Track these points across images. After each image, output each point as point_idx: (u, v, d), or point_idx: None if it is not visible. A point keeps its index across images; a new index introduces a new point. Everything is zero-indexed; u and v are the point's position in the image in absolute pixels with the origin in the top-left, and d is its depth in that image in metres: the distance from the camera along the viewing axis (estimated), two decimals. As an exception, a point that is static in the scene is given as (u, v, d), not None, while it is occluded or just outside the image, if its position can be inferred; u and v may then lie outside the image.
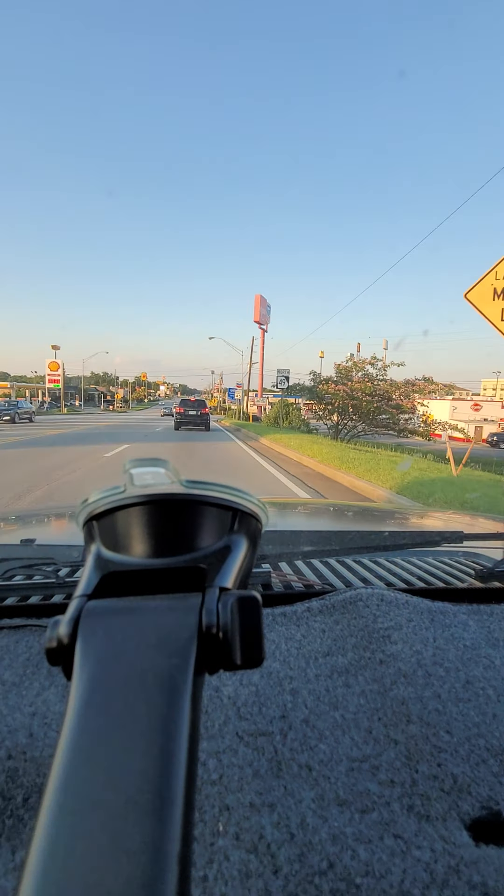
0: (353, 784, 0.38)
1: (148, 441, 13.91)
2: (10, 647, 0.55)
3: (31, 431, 17.03)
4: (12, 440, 13.00)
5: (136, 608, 0.25)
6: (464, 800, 0.38)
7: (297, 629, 0.58)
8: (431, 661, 0.53)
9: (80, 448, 10.99)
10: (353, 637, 0.57)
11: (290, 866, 0.32)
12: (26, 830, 0.34)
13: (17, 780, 0.38)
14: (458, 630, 0.59)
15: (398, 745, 0.42)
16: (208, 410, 20.63)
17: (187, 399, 21.78)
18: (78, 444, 12.16)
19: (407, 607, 0.62)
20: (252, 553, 0.30)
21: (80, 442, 12.66)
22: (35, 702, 0.46)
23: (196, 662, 0.22)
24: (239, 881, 0.31)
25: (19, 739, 0.42)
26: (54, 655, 0.24)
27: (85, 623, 0.24)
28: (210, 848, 0.33)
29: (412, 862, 0.32)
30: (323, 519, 1.54)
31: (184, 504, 0.28)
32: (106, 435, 15.69)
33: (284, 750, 0.41)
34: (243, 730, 0.43)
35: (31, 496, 5.41)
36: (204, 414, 20.19)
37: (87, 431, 17.45)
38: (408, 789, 0.38)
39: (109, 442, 12.62)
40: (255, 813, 0.36)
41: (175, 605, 0.24)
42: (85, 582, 0.26)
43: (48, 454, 9.72)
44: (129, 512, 0.28)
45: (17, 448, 10.94)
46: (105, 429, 19.57)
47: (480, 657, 0.54)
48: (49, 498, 5.36)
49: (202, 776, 0.38)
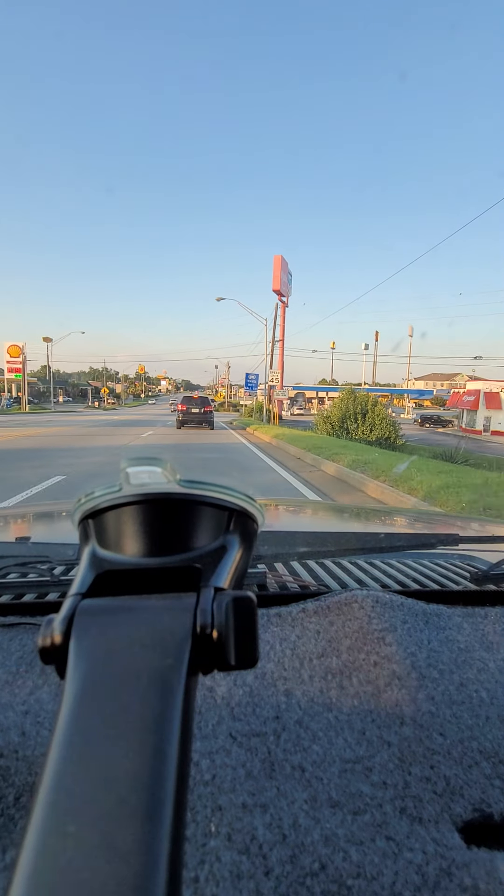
0: (346, 785, 0.38)
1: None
2: (3, 644, 0.55)
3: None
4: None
5: (130, 607, 0.24)
6: (456, 802, 0.38)
7: (291, 630, 0.58)
8: (425, 663, 0.53)
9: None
10: (347, 639, 0.57)
11: (282, 867, 0.32)
12: (17, 830, 0.34)
13: (9, 779, 0.38)
14: (453, 632, 0.59)
15: (391, 747, 0.42)
16: (212, 408, 19.57)
17: (189, 396, 20.54)
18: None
19: (402, 609, 0.62)
20: (247, 553, 0.30)
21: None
22: (28, 700, 0.46)
23: (190, 662, 0.22)
24: (230, 882, 0.31)
25: (11, 738, 0.41)
26: (47, 654, 0.24)
27: (79, 622, 0.24)
28: (202, 849, 0.33)
29: (404, 864, 0.32)
30: (319, 520, 1.54)
31: (179, 503, 0.28)
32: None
33: (278, 751, 0.41)
34: (237, 730, 0.43)
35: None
36: (207, 412, 19.17)
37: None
38: (400, 791, 0.38)
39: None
40: (247, 814, 0.36)
41: (170, 604, 0.24)
42: (79, 580, 0.26)
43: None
44: (124, 511, 0.27)
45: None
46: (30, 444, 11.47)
47: (474, 660, 0.55)
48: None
49: (195, 776, 0.38)
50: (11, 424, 19.53)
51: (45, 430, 16.11)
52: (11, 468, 7.67)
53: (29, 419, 24.57)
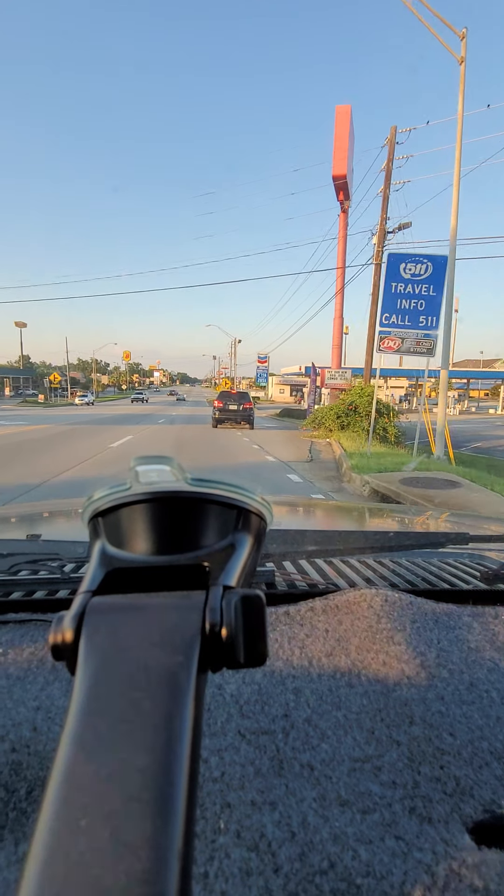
0: (355, 784, 0.38)
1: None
2: (15, 641, 0.56)
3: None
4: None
5: (140, 605, 0.25)
6: (466, 802, 0.37)
7: (300, 628, 0.58)
8: (435, 662, 0.53)
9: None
10: (356, 637, 0.56)
11: (291, 865, 0.32)
12: (29, 823, 0.35)
13: (21, 774, 0.38)
14: (463, 632, 0.59)
15: (401, 747, 0.42)
16: (252, 405, 17.11)
17: (227, 392, 18.02)
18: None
19: (411, 608, 0.62)
20: (256, 552, 0.30)
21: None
22: (39, 696, 0.47)
23: (199, 660, 0.22)
24: (240, 879, 0.31)
25: (23, 733, 0.42)
26: (58, 651, 0.24)
27: (89, 619, 0.24)
28: (211, 845, 0.33)
29: (413, 864, 0.32)
30: (328, 518, 1.54)
31: (189, 502, 0.28)
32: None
33: (286, 749, 0.41)
34: (245, 728, 0.43)
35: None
36: (247, 409, 16.81)
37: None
38: (410, 791, 0.38)
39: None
40: (256, 811, 0.36)
41: (179, 602, 0.24)
42: (90, 578, 0.26)
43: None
44: (134, 509, 0.28)
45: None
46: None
47: (485, 660, 0.54)
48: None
49: (204, 773, 0.39)
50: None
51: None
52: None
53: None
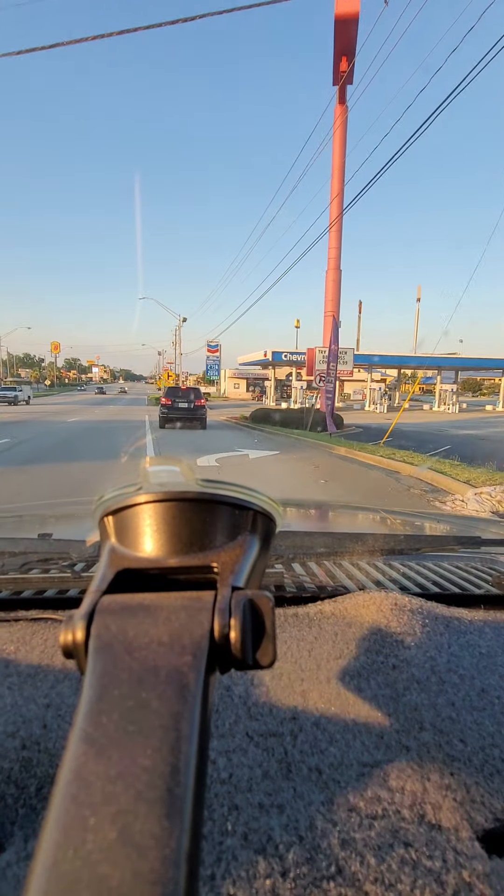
0: (364, 789, 0.38)
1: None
2: (26, 638, 0.56)
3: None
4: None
5: (149, 605, 0.25)
6: (477, 811, 0.37)
7: (309, 630, 0.58)
8: (446, 667, 0.52)
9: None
10: (365, 640, 0.56)
11: (298, 869, 0.32)
12: (39, 820, 0.35)
13: (31, 770, 0.38)
14: (474, 637, 0.58)
15: (410, 752, 0.42)
16: (204, 402, 14.80)
17: (175, 387, 15.76)
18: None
19: (421, 612, 0.61)
20: (265, 553, 0.30)
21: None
22: (49, 693, 0.47)
23: (208, 661, 0.22)
24: (246, 881, 0.31)
25: (33, 730, 0.42)
26: (69, 649, 0.24)
27: (99, 619, 0.24)
28: (218, 847, 0.33)
29: (422, 871, 0.32)
30: (337, 521, 1.53)
31: (198, 503, 0.28)
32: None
33: (294, 752, 0.41)
34: (253, 730, 0.43)
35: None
36: (199, 406, 14.40)
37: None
38: (419, 797, 0.38)
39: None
40: (263, 814, 0.36)
41: (188, 603, 0.25)
42: (99, 577, 0.27)
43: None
44: (143, 509, 0.28)
45: None
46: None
47: (497, 665, 0.53)
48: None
49: (212, 775, 0.38)
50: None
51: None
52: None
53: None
